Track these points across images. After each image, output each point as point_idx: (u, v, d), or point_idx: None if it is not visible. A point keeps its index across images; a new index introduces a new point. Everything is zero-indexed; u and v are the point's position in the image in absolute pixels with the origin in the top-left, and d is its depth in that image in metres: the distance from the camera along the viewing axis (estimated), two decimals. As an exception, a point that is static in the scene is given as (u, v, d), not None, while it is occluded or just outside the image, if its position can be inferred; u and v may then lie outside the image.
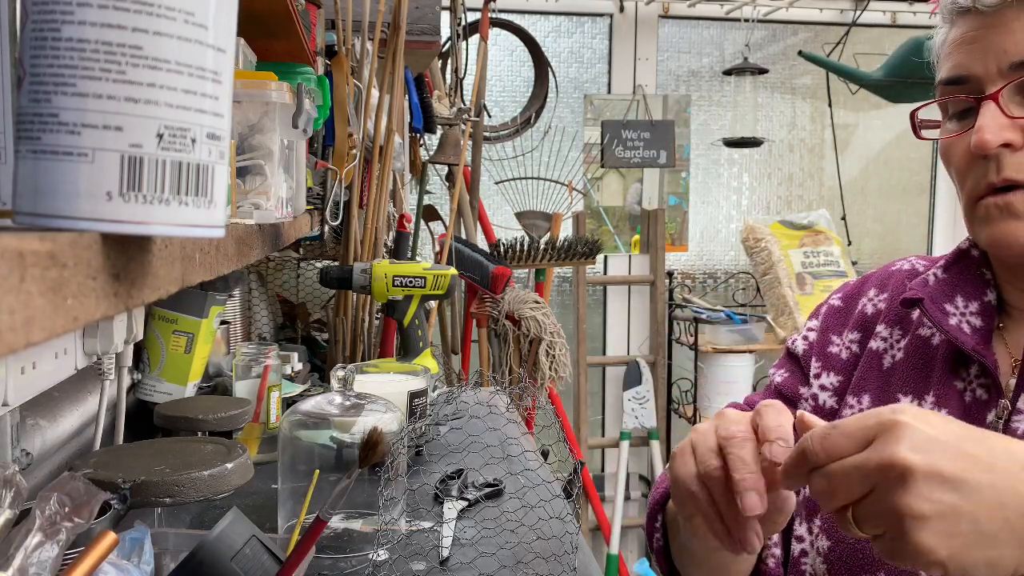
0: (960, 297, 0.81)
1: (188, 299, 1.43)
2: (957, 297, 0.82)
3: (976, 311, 0.80)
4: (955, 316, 0.80)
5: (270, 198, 0.87)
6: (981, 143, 0.72)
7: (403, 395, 1.34)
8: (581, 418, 3.20)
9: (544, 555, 1.05)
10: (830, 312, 0.94)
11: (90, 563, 0.61)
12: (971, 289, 0.82)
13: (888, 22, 3.54)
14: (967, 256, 0.84)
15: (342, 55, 1.67)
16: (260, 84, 0.87)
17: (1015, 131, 0.72)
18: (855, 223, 3.50)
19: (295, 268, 2.41)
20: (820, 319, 0.95)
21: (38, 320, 0.29)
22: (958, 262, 0.85)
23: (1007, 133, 0.72)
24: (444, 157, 2.50)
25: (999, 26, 0.73)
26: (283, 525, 1.10)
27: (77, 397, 1.22)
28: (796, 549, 0.85)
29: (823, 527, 0.81)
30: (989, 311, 0.80)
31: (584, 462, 2.68)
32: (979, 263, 0.83)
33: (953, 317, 0.80)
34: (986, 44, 0.73)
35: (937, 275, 0.84)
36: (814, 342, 0.93)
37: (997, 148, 0.72)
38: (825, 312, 0.94)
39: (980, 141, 0.72)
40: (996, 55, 0.73)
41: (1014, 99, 0.73)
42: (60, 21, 0.34)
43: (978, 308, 0.80)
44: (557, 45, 3.39)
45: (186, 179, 0.36)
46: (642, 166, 3.34)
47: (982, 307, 0.81)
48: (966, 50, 0.75)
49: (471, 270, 2.61)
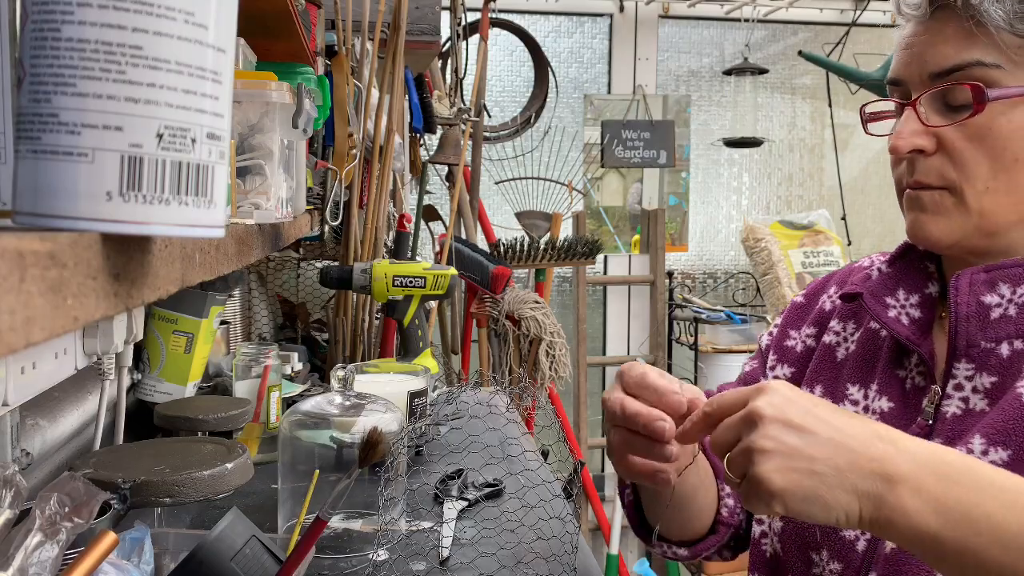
0: (902, 290, 0.86)
1: (188, 299, 1.43)
2: (899, 290, 0.86)
3: (916, 303, 0.85)
4: (895, 308, 0.85)
5: (270, 198, 0.87)
6: (894, 147, 0.79)
7: (403, 395, 1.34)
8: (581, 418, 3.20)
9: (544, 555, 1.05)
10: (792, 308, 0.99)
11: (90, 563, 0.61)
12: (913, 282, 0.86)
13: (888, 22, 3.54)
14: (913, 250, 0.88)
15: (342, 55, 1.67)
16: (260, 84, 0.87)
17: (928, 138, 0.78)
18: (855, 223, 3.50)
19: (295, 268, 2.41)
20: (783, 315, 1.00)
21: (38, 320, 0.29)
22: (903, 256, 0.89)
23: (918, 139, 0.78)
24: (444, 157, 2.50)
25: (928, 34, 0.77)
26: (283, 525, 1.10)
27: (77, 397, 1.22)
28: (756, 531, 0.90)
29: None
30: (930, 302, 0.84)
31: (584, 462, 2.68)
32: (922, 256, 0.88)
33: (892, 309, 0.85)
34: (916, 51, 0.78)
35: (882, 269, 0.89)
36: (775, 336, 0.99)
37: (908, 153, 0.78)
38: (789, 308, 1.00)
39: (893, 146, 0.79)
40: (920, 64, 0.78)
41: (932, 107, 0.78)
42: (60, 21, 0.34)
43: (918, 300, 0.85)
44: (557, 45, 3.39)
45: (186, 179, 0.36)
46: (642, 166, 3.34)
47: (923, 299, 0.85)
48: (902, 54, 0.80)
49: (471, 270, 2.61)
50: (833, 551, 0.81)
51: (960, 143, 0.77)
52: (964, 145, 0.77)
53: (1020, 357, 0.76)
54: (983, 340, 0.78)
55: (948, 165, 0.78)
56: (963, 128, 0.76)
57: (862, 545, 0.80)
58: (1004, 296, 0.78)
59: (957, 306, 0.78)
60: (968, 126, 0.76)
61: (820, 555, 0.82)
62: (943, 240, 0.79)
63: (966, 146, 0.77)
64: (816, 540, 0.83)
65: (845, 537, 0.81)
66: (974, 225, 0.78)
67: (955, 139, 0.77)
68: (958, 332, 0.78)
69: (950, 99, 0.77)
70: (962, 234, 0.79)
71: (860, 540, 0.80)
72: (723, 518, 0.94)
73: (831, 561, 0.81)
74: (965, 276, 0.79)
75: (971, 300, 0.78)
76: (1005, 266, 0.78)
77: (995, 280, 0.78)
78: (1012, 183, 0.76)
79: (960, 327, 0.78)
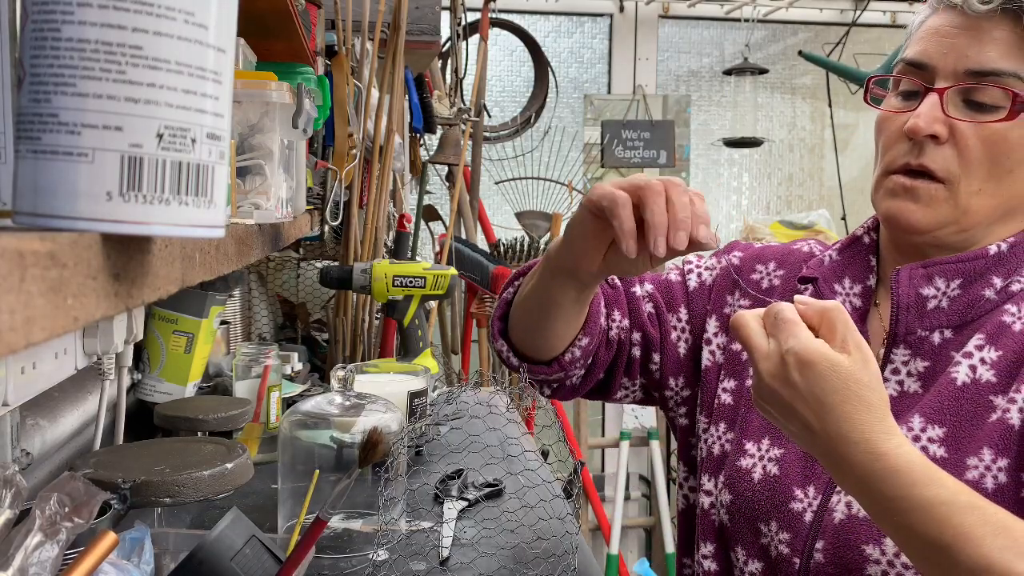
0: (848, 279, 0.92)
1: (188, 299, 1.43)
2: (845, 279, 0.92)
3: (858, 293, 0.91)
4: (840, 295, 0.91)
5: (270, 198, 0.87)
6: (914, 127, 0.80)
7: (403, 395, 1.34)
8: (581, 418, 3.20)
9: (544, 555, 1.05)
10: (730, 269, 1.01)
11: (90, 563, 0.61)
12: (857, 272, 0.92)
13: (888, 22, 3.54)
14: (859, 242, 0.93)
15: (342, 55, 1.67)
16: (260, 84, 0.87)
17: (943, 127, 0.80)
18: (855, 223, 3.49)
19: (295, 268, 2.41)
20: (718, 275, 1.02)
21: (38, 320, 0.29)
22: (851, 247, 0.94)
23: (938, 126, 0.80)
24: (444, 157, 2.50)
25: (973, 30, 0.80)
26: (283, 525, 1.10)
27: (77, 397, 1.22)
28: (705, 502, 0.94)
29: (725, 483, 0.91)
30: (868, 293, 0.91)
31: (584, 462, 2.68)
32: (868, 250, 0.93)
33: (839, 296, 0.91)
34: (956, 43, 0.80)
35: (832, 256, 0.94)
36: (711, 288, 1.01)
37: (925, 136, 0.80)
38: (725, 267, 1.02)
39: (914, 125, 0.80)
40: (959, 56, 0.80)
41: (955, 100, 0.81)
42: (60, 21, 0.34)
43: (860, 291, 0.91)
44: (557, 45, 3.39)
45: (186, 179, 0.36)
46: (642, 166, 3.34)
47: (863, 290, 0.91)
48: (937, 41, 0.82)
49: (471, 270, 2.61)
50: (782, 522, 0.84)
51: (972, 141, 0.80)
52: (975, 144, 0.80)
53: (949, 344, 0.83)
54: (919, 328, 0.84)
55: (954, 158, 0.80)
56: (981, 128, 0.79)
57: (809, 516, 0.83)
58: (939, 289, 0.84)
59: (898, 296, 0.84)
60: (986, 128, 0.79)
61: (768, 526, 0.85)
62: (922, 229, 0.83)
63: (977, 145, 0.80)
64: (765, 511, 0.86)
65: (793, 509, 0.84)
66: (955, 220, 0.82)
67: (969, 136, 0.80)
68: (899, 320, 0.84)
69: (976, 97, 0.80)
70: (941, 226, 0.82)
71: (808, 512, 0.83)
72: (563, 360, 0.96)
73: (780, 532, 0.84)
74: (906, 270, 0.84)
75: (910, 291, 0.84)
76: (941, 262, 0.83)
77: (932, 275, 0.84)
78: (999, 189, 0.81)
79: (900, 316, 0.84)
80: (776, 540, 0.84)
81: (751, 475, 0.88)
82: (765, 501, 0.86)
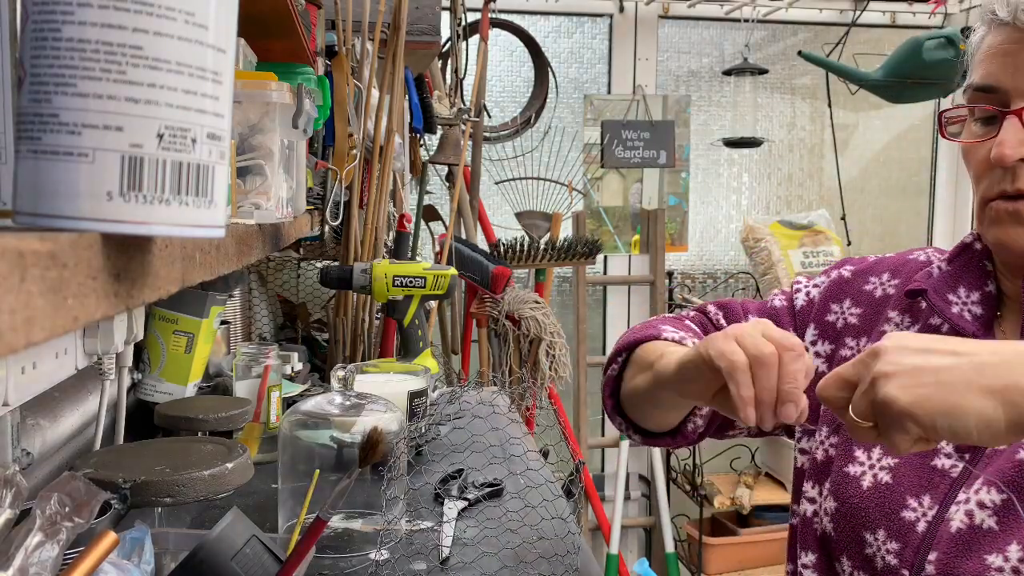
0: (963, 288, 0.88)
1: (188, 299, 1.43)
2: (960, 288, 0.88)
3: (977, 300, 0.87)
4: (957, 305, 0.87)
5: (270, 198, 0.87)
6: (1000, 157, 0.77)
7: (403, 395, 1.34)
8: (581, 418, 3.20)
9: (545, 555, 1.05)
10: (839, 281, 0.99)
11: (90, 563, 0.61)
12: (973, 280, 0.88)
13: (888, 22, 3.53)
14: (970, 249, 0.90)
15: (342, 55, 1.67)
16: (260, 84, 0.87)
17: None
18: (855, 223, 3.50)
19: (295, 268, 2.41)
20: (825, 287, 1.00)
21: (38, 320, 0.29)
22: (962, 255, 0.90)
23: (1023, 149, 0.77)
24: (444, 157, 2.50)
25: None
26: (283, 525, 1.10)
27: (77, 397, 1.22)
28: (808, 510, 0.91)
29: (831, 490, 0.88)
30: (989, 300, 0.87)
31: (584, 462, 2.68)
32: (981, 256, 0.89)
33: (955, 306, 0.87)
34: (1019, 60, 0.77)
35: (942, 267, 0.91)
36: (815, 302, 0.99)
37: (1015, 162, 0.77)
38: (835, 279, 0.99)
39: (999, 155, 0.77)
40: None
41: None
42: (61, 21, 0.34)
43: (979, 298, 0.87)
44: (557, 45, 3.39)
45: (186, 179, 0.36)
46: (642, 166, 3.34)
47: (983, 297, 0.87)
48: (999, 62, 0.79)
49: (471, 270, 2.61)
50: (891, 531, 0.81)
51: None
52: None
53: None
54: None
55: None
56: None
57: (923, 526, 0.80)
58: None
59: None
60: None
61: (876, 535, 0.82)
62: None
63: None
64: (873, 519, 0.83)
65: (905, 518, 0.81)
66: None
67: None
68: None
69: None
70: None
71: (921, 521, 0.80)
72: (687, 431, 0.97)
73: (888, 541, 0.81)
74: None
75: None
76: None
77: None
78: None
79: None
80: (883, 550, 0.82)
81: (860, 482, 0.85)
82: (874, 509, 0.83)
